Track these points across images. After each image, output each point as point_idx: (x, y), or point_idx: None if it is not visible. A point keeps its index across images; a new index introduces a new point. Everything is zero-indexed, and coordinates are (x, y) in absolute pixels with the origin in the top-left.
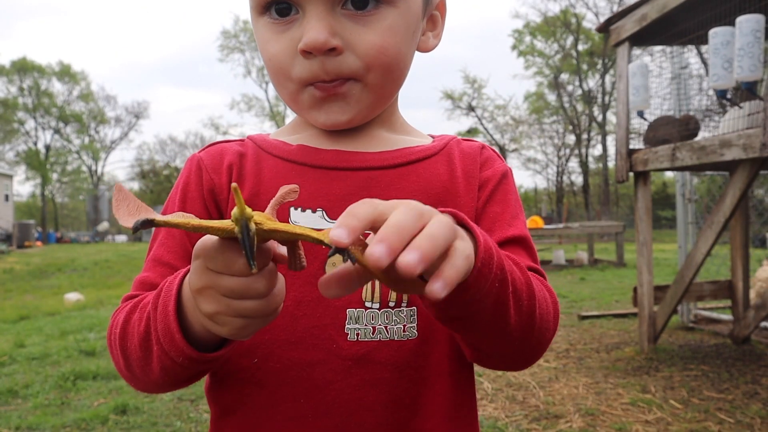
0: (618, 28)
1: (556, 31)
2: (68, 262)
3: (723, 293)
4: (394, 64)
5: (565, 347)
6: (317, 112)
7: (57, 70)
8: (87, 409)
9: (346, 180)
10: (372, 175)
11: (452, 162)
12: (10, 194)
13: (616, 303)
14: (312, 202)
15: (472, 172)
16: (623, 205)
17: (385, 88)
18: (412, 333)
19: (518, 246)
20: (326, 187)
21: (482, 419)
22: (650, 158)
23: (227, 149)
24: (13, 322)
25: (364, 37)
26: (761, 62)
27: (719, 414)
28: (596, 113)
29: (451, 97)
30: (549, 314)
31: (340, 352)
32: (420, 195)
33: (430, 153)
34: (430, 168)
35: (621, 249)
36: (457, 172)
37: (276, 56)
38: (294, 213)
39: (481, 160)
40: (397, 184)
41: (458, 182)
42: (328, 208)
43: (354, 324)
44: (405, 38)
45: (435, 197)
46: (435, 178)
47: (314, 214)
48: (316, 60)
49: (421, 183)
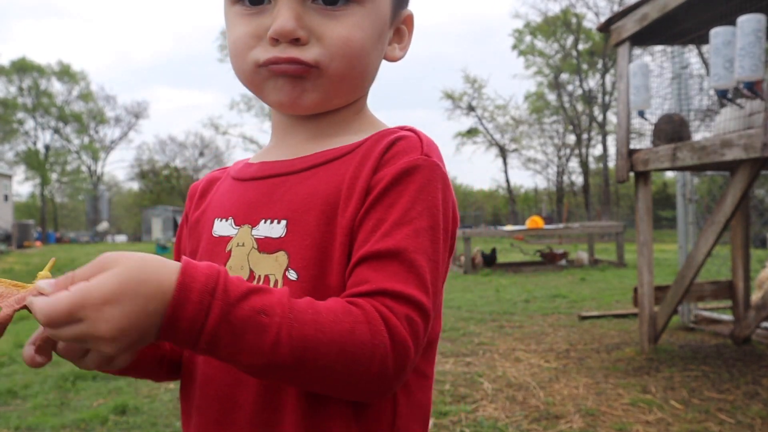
0: (618, 27)
1: (557, 30)
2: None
3: (723, 293)
4: (357, 58)
5: (566, 347)
6: (271, 89)
7: (56, 70)
8: (86, 410)
9: (257, 189)
10: (278, 181)
11: (363, 161)
12: (10, 194)
13: (616, 303)
14: (228, 211)
15: (367, 174)
16: (623, 205)
17: (345, 80)
18: None
19: (387, 261)
20: (241, 197)
21: (482, 419)
22: (651, 158)
23: (209, 176)
24: (13, 322)
25: (332, 29)
26: (762, 62)
27: (720, 414)
28: (596, 113)
29: (451, 97)
30: (335, 364)
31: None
32: (309, 201)
33: (341, 153)
34: (335, 170)
35: (621, 249)
36: (361, 173)
37: (241, 38)
38: (218, 223)
39: (385, 158)
40: (295, 189)
41: (355, 186)
42: (236, 215)
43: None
44: (371, 37)
45: (324, 205)
46: (333, 181)
47: (226, 222)
48: (280, 46)
49: (316, 188)
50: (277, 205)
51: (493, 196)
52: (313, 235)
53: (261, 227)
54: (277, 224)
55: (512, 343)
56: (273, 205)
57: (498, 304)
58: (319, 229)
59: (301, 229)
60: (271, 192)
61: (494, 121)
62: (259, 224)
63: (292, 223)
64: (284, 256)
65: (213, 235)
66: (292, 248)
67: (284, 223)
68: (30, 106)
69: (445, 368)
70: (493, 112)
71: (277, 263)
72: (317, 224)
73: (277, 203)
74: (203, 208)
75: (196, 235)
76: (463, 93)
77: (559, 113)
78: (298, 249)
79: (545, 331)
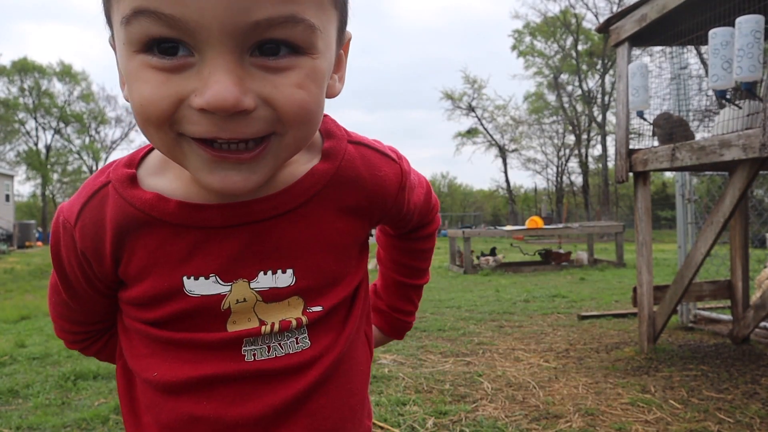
0: (618, 28)
1: (556, 31)
2: None
3: (722, 293)
4: (313, 120)
5: (565, 347)
6: (208, 175)
7: (58, 71)
8: (88, 409)
9: (236, 237)
10: (260, 228)
11: (353, 188)
12: (11, 194)
13: (615, 303)
14: (203, 268)
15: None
16: (623, 205)
17: (300, 145)
18: (305, 343)
19: None
20: (215, 249)
21: (482, 419)
22: (650, 158)
23: (116, 216)
24: (14, 322)
25: (281, 90)
26: (761, 63)
27: (719, 414)
28: (596, 113)
29: (451, 97)
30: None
31: (237, 368)
32: (314, 245)
33: (317, 189)
34: (323, 203)
35: (621, 249)
36: (355, 201)
37: (154, 102)
38: (188, 282)
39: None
40: (289, 234)
41: (370, 216)
42: (219, 271)
43: (250, 346)
44: (322, 89)
45: (331, 246)
46: (330, 219)
47: (207, 280)
48: (216, 117)
49: (315, 231)
50: (276, 254)
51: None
52: (327, 273)
53: (262, 280)
54: (283, 274)
55: (512, 342)
56: (270, 255)
57: (498, 304)
58: (332, 267)
59: (314, 273)
60: (258, 240)
61: (494, 121)
62: (257, 277)
63: (301, 270)
64: (298, 299)
65: (190, 295)
66: (306, 292)
67: (291, 272)
68: (31, 107)
69: (445, 368)
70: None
71: (291, 307)
72: (330, 263)
73: (273, 252)
74: (143, 256)
75: (154, 294)
76: (463, 93)
77: (558, 113)
78: (314, 290)
79: (545, 330)
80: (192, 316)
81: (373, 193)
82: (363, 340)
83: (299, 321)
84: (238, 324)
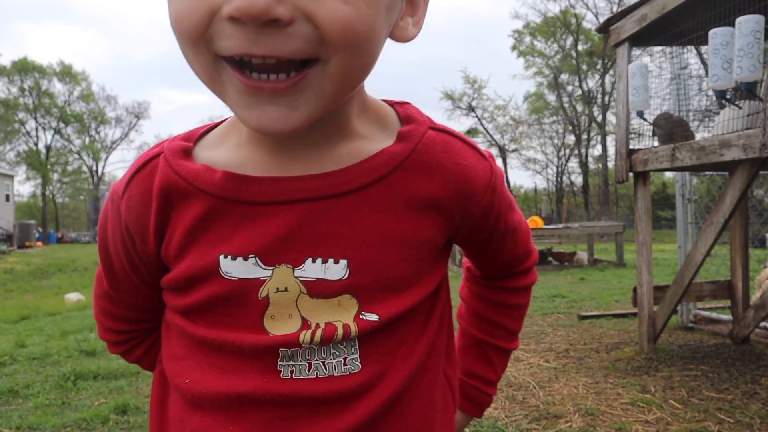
0: (618, 28)
1: (556, 31)
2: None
3: (723, 293)
4: (362, 46)
5: (565, 347)
6: (246, 110)
7: (58, 71)
8: (88, 409)
9: (283, 216)
10: (315, 207)
11: (429, 175)
12: (11, 194)
13: (615, 303)
14: (243, 248)
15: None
16: (623, 205)
17: (350, 79)
18: (355, 366)
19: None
20: (260, 227)
21: (482, 419)
22: (650, 158)
23: (162, 182)
24: (14, 322)
25: (324, 4)
26: (761, 63)
27: (719, 414)
28: (596, 113)
29: (451, 97)
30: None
31: (271, 387)
32: (376, 235)
33: (388, 168)
34: (392, 189)
35: (621, 249)
36: (432, 191)
37: (185, 16)
38: (224, 262)
39: (484, 193)
40: (347, 218)
41: (439, 204)
42: (261, 253)
43: (288, 361)
44: (376, 11)
45: (398, 240)
46: (400, 208)
47: (246, 262)
48: (248, 29)
49: (379, 217)
50: (328, 241)
51: None
52: (388, 272)
53: (309, 268)
54: (335, 264)
55: None
56: (322, 241)
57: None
58: (396, 267)
59: (372, 270)
60: (309, 222)
61: (494, 121)
62: (304, 264)
63: (357, 263)
64: (351, 299)
65: (226, 277)
66: (361, 291)
67: (344, 263)
68: (31, 107)
69: None
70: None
71: (341, 308)
72: (394, 261)
73: (327, 238)
74: (183, 233)
75: (190, 275)
76: (463, 93)
77: (558, 114)
78: (371, 290)
79: (545, 330)
80: (227, 302)
81: (455, 183)
82: (441, 381)
83: (347, 329)
84: (277, 320)
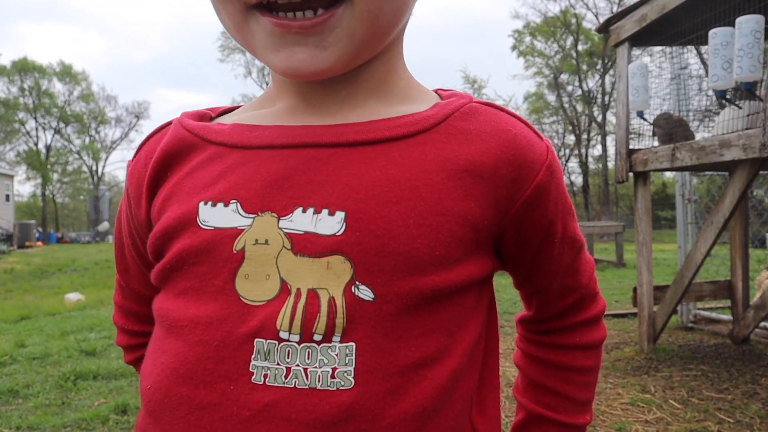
0: (618, 28)
1: (556, 31)
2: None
3: (722, 293)
4: None
5: None
6: (274, 53)
7: (58, 71)
8: (88, 409)
9: (280, 161)
10: (320, 154)
11: (468, 139)
12: (11, 194)
13: (615, 303)
14: (226, 193)
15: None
16: (623, 205)
17: (381, 20)
18: (346, 381)
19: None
20: (251, 172)
21: None
22: (650, 158)
23: (172, 137)
24: (14, 322)
25: None
26: (761, 63)
27: (719, 414)
28: (596, 113)
29: None
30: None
31: (239, 397)
32: (387, 189)
33: (418, 128)
34: (421, 151)
35: (621, 249)
36: (471, 154)
37: None
38: (203, 209)
39: (542, 181)
40: (355, 168)
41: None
42: (245, 198)
43: (263, 361)
44: None
45: (416, 199)
46: (424, 167)
47: (226, 208)
48: None
49: (397, 171)
50: (326, 189)
51: None
52: (399, 237)
53: (297, 218)
54: (329, 216)
55: (512, 342)
56: (318, 189)
57: (498, 304)
58: (410, 232)
59: (377, 228)
60: (309, 168)
61: None
62: (293, 213)
63: (358, 217)
64: (344, 262)
65: (201, 227)
66: (358, 252)
67: (341, 216)
68: (31, 107)
69: None
70: None
71: (330, 272)
72: (408, 225)
73: (325, 186)
74: (171, 185)
75: (166, 226)
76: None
77: (558, 114)
78: (371, 255)
79: None
80: (198, 259)
81: (501, 149)
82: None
83: (332, 306)
84: (252, 280)
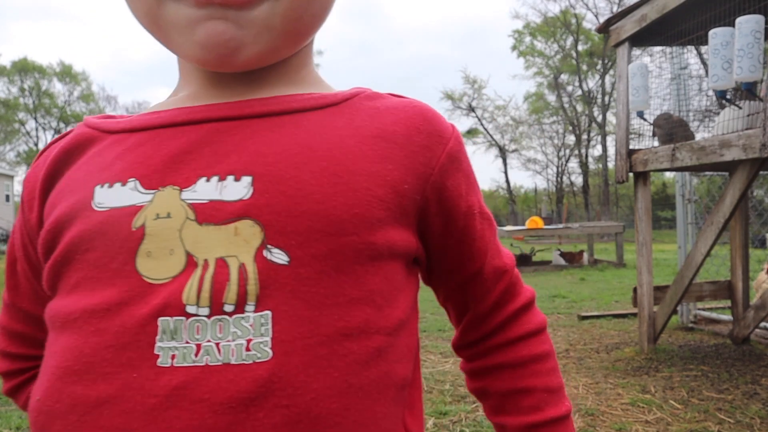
0: (618, 28)
1: (556, 31)
2: None
3: (723, 293)
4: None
5: (565, 347)
6: (189, 31)
7: (58, 71)
8: None
9: (183, 136)
10: (224, 126)
11: (377, 113)
12: (11, 195)
13: (615, 303)
14: (123, 173)
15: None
16: (623, 206)
17: (301, 22)
18: (263, 352)
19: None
20: (150, 150)
21: (482, 419)
22: (650, 159)
23: (71, 139)
24: None
25: None
26: (761, 63)
27: (719, 414)
28: (596, 114)
29: (451, 97)
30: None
31: (143, 384)
32: (300, 152)
33: (326, 102)
34: (330, 117)
35: (621, 249)
36: (385, 123)
37: None
38: (99, 192)
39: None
40: (264, 135)
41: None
42: (144, 175)
43: (169, 341)
44: None
45: (331, 162)
46: (325, 130)
47: (124, 187)
48: None
49: (309, 137)
50: (231, 158)
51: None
52: (311, 197)
53: (201, 188)
54: (235, 182)
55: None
56: (222, 159)
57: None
58: (323, 191)
59: (287, 190)
60: (213, 140)
61: (494, 121)
62: (196, 183)
63: (266, 180)
64: (253, 226)
65: (96, 209)
66: (267, 214)
67: (248, 181)
68: (31, 107)
69: (445, 368)
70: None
71: (239, 238)
72: (321, 184)
73: (230, 155)
74: (66, 179)
75: (58, 218)
76: (463, 93)
77: (558, 114)
78: (283, 218)
79: None
80: (92, 244)
81: (412, 119)
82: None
83: (243, 273)
84: (155, 257)
